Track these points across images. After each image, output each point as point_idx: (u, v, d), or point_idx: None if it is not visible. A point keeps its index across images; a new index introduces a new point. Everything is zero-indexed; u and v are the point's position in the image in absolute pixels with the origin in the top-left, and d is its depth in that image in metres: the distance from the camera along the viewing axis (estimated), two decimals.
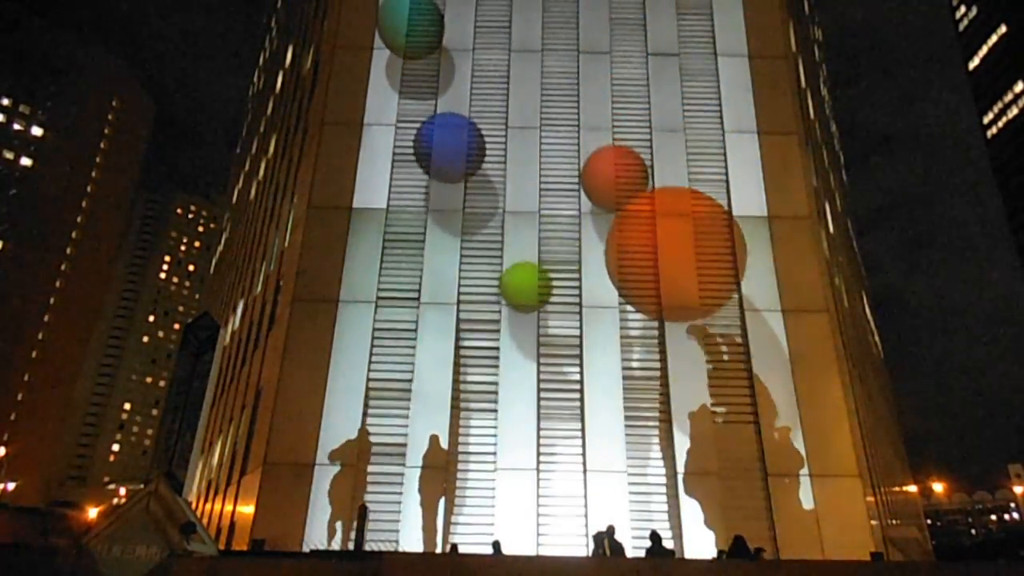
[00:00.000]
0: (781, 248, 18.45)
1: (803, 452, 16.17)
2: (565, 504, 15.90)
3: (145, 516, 10.87)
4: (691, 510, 15.69)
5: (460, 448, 16.59)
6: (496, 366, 17.37)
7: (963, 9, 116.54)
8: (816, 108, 30.91)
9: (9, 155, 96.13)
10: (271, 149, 32.02)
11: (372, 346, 17.50)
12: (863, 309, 37.31)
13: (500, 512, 15.81)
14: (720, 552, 13.86)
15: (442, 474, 16.16)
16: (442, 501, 15.91)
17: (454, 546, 14.47)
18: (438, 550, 15.17)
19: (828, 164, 32.49)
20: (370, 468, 16.29)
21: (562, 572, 11.40)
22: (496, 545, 13.86)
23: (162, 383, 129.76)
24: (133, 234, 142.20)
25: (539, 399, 16.98)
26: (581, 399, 16.98)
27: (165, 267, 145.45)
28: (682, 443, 16.38)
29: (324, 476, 16.00)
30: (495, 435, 16.64)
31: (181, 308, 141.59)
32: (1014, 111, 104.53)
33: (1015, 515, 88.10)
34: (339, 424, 16.54)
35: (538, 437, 16.57)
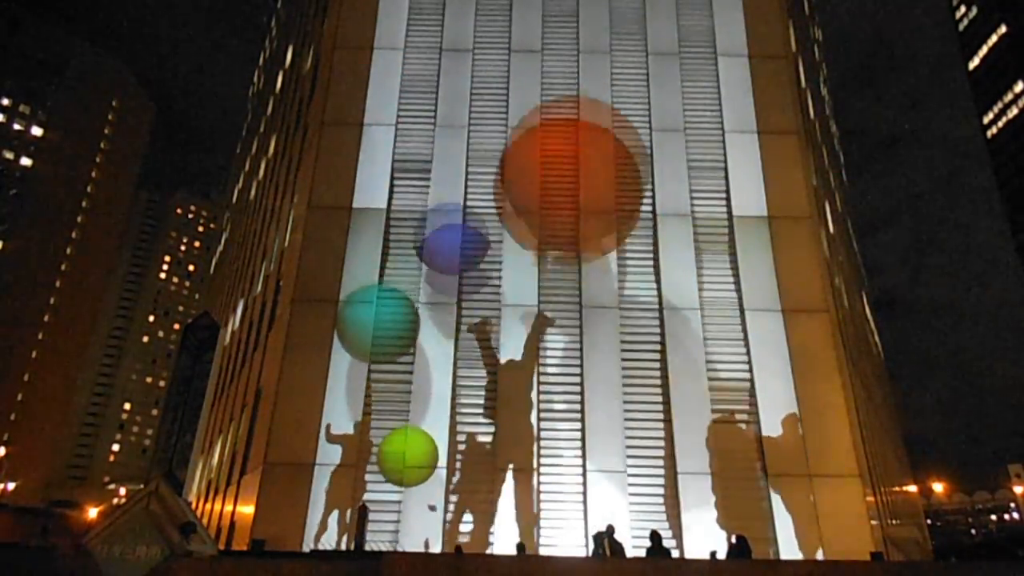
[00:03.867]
0: (781, 248, 18.44)
1: (803, 452, 16.17)
2: (565, 504, 15.90)
3: (145, 516, 10.86)
4: (691, 510, 15.70)
5: (461, 448, 16.59)
6: (496, 366, 17.37)
7: (963, 9, 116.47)
8: (816, 108, 30.91)
9: (9, 155, 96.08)
10: (271, 149, 32.02)
11: (372, 346, 17.50)
12: (863, 309, 37.30)
13: (500, 512, 15.81)
14: (713, 552, 13.84)
15: (442, 474, 16.16)
16: (442, 501, 15.91)
17: (458, 547, 14.47)
18: (438, 550, 15.17)
19: (828, 164, 32.49)
20: (370, 468, 16.29)
21: (562, 572, 11.40)
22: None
23: (162, 383, 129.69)
24: (133, 234, 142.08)
25: (539, 399, 16.97)
26: (581, 399, 16.98)
27: (165, 267, 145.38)
28: (682, 443, 16.37)
29: (324, 476, 16.00)
30: (495, 435, 16.64)
31: (181, 308, 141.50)
32: (1014, 111, 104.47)
33: (1015, 515, 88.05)
34: (339, 424, 16.55)
35: (538, 437, 16.57)
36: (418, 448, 16.40)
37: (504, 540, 15.29)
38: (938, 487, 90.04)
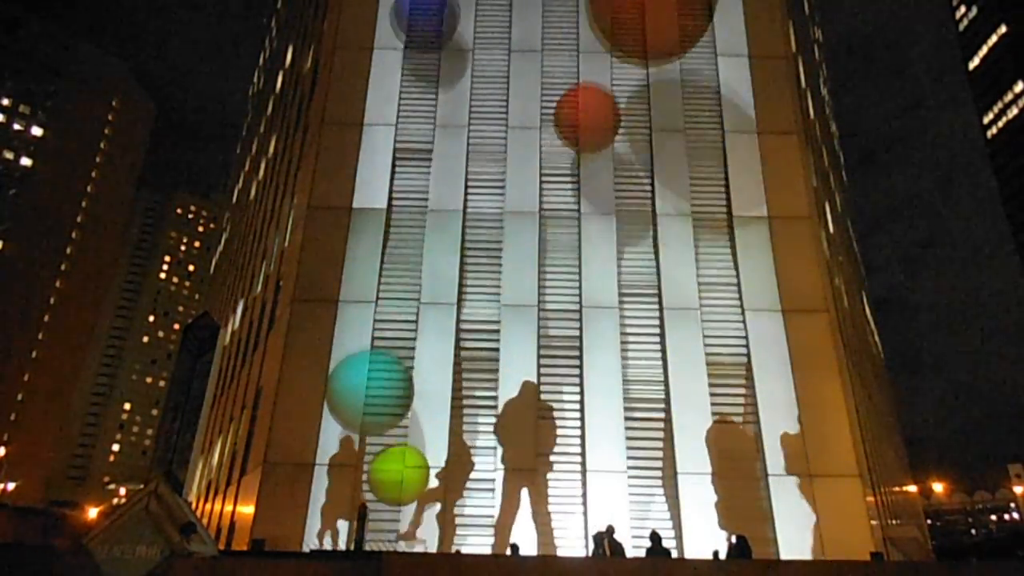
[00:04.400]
0: (781, 248, 18.44)
1: (803, 452, 16.17)
2: (565, 504, 15.90)
3: (145, 516, 10.85)
4: (691, 510, 15.69)
5: (460, 448, 16.58)
6: (496, 366, 17.36)
7: (963, 9, 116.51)
8: (816, 108, 30.91)
9: (9, 155, 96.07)
10: (271, 149, 32.02)
11: (372, 346, 17.50)
12: (863, 309, 37.31)
13: (500, 512, 15.80)
14: (715, 552, 13.85)
15: (442, 474, 16.16)
16: (442, 501, 15.91)
17: (458, 551, 14.47)
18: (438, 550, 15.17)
19: (828, 164, 32.48)
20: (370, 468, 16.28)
21: (562, 572, 11.40)
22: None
23: (162, 383, 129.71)
24: (133, 234, 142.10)
25: (539, 399, 16.97)
26: (581, 399, 16.98)
27: (165, 267, 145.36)
28: (682, 443, 16.37)
29: (324, 476, 16.00)
30: (495, 435, 16.64)
31: (181, 308, 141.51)
32: (1014, 111, 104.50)
33: (1015, 515, 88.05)
34: (339, 424, 16.54)
35: (539, 437, 16.57)
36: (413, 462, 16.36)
37: (504, 540, 15.28)
38: (938, 487, 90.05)
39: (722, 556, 13.58)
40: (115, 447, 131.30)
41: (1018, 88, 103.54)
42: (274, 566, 11.64)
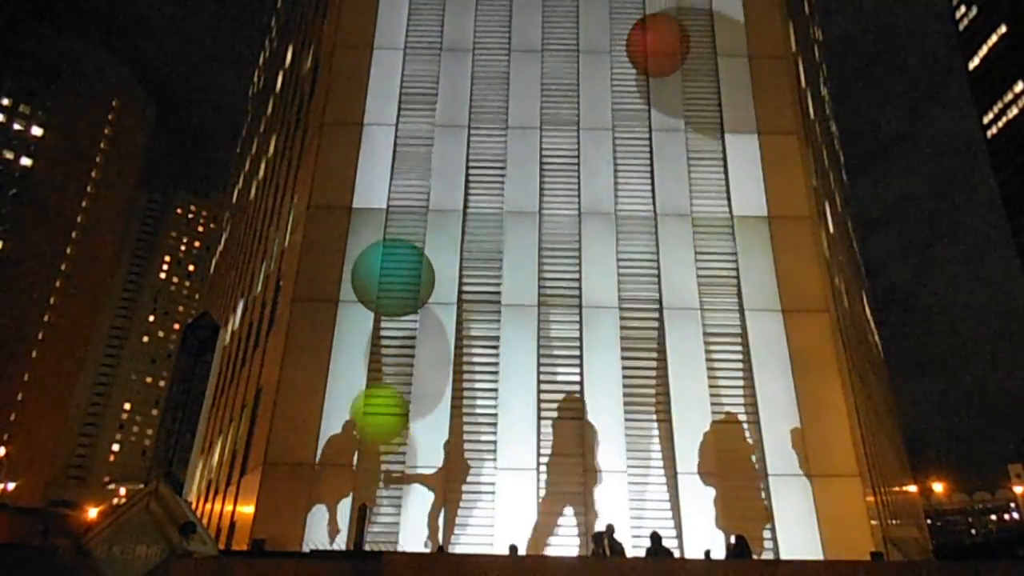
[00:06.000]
0: (781, 248, 18.44)
1: (803, 452, 16.17)
2: (565, 504, 15.90)
3: (145, 516, 10.86)
4: (691, 510, 15.69)
5: (461, 448, 16.59)
6: (496, 366, 17.36)
7: (963, 9, 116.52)
8: (816, 108, 30.91)
9: (9, 155, 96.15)
10: (271, 149, 32.03)
11: (372, 346, 17.51)
12: (863, 309, 37.30)
13: (500, 512, 15.82)
14: (707, 551, 13.81)
15: (442, 474, 16.17)
16: (442, 501, 15.91)
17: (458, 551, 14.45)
18: (438, 550, 15.16)
19: (828, 164, 32.48)
20: (369, 467, 16.28)
21: (562, 572, 11.40)
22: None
23: (162, 383, 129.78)
24: (133, 234, 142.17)
25: (539, 399, 16.97)
26: (581, 399, 16.98)
27: (165, 267, 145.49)
28: (682, 443, 16.37)
29: (324, 476, 16.00)
30: (495, 435, 16.65)
31: (181, 308, 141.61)
32: (1014, 111, 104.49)
33: (1015, 515, 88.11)
34: (339, 424, 16.55)
35: (538, 437, 16.57)
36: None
37: (504, 540, 15.28)
38: (938, 487, 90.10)
39: (715, 556, 13.55)
40: (115, 447, 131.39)
41: (1018, 88, 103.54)
42: (274, 566, 11.63)
